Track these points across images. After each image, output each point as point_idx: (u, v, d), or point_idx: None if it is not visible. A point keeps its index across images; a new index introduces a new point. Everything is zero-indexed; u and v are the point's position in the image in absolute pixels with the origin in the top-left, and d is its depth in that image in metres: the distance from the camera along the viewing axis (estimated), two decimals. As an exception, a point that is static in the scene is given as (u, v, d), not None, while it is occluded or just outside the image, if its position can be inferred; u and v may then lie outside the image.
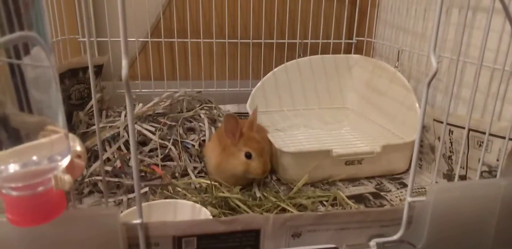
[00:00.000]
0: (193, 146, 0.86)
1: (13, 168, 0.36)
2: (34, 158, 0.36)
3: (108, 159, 0.78)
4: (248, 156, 0.73)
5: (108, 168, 0.75)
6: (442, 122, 0.83)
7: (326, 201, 0.75)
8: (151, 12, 1.17)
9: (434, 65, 0.47)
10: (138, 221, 0.45)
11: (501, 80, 0.62)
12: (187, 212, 0.61)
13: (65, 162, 0.38)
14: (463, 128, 0.77)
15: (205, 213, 0.59)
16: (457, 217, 0.57)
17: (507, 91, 0.75)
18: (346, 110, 1.19)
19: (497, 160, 0.72)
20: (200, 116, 0.95)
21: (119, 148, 0.79)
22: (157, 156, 0.80)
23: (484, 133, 0.73)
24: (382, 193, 0.82)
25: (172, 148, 0.82)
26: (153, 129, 0.85)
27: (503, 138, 0.71)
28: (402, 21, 1.09)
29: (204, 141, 0.88)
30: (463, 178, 0.80)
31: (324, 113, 1.15)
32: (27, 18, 0.36)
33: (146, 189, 0.71)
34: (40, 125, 0.38)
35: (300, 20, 1.23)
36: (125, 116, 0.88)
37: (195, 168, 0.82)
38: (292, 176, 0.82)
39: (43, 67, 0.38)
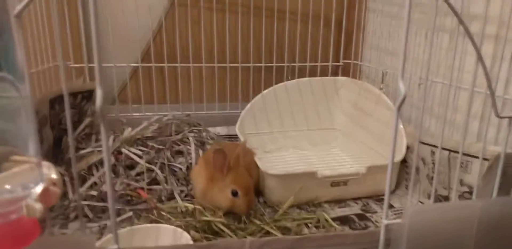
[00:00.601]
0: (181, 169, 0.87)
1: (-13, 196, 0.37)
2: (7, 186, 0.38)
3: (95, 183, 0.79)
4: (235, 193, 0.73)
5: (94, 193, 0.76)
6: (425, 143, 0.84)
7: (311, 223, 0.75)
8: (141, 38, 1.20)
9: (402, 91, 0.49)
10: (114, 247, 0.45)
11: (471, 100, 0.64)
12: (169, 237, 0.61)
13: (38, 189, 0.39)
14: (445, 149, 0.78)
15: (186, 238, 0.60)
16: (434, 239, 0.58)
17: (484, 113, 0.77)
18: (334, 132, 1.20)
19: (477, 181, 0.73)
20: (188, 139, 0.97)
21: (106, 172, 0.80)
22: (144, 180, 0.81)
23: (465, 154, 0.74)
24: (367, 214, 0.82)
25: (158, 171, 0.83)
26: (140, 153, 0.87)
27: (484, 159, 0.72)
28: (386, 44, 1.13)
29: (191, 163, 0.90)
30: (446, 198, 0.80)
31: (313, 134, 1.17)
32: None
33: (130, 213, 0.72)
34: (4, 155, 0.39)
35: (288, 44, 1.27)
36: (114, 140, 0.90)
37: (181, 191, 0.83)
38: (278, 198, 0.83)
39: (7, 97, 0.39)
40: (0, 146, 0.38)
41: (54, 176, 0.43)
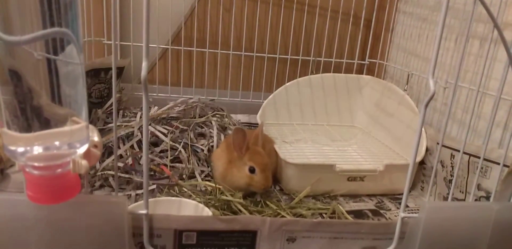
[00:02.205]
0: (202, 150, 0.89)
1: (37, 150, 0.40)
2: (56, 143, 0.40)
3: (121, 156, 0.81)
4: (252, 170, 0.75)
5: (120, 164, 0.78)
6: (445, 146, 0.85)
7: (325, 213, 0.77)
8: (173, 21, 1.22)
9: (432, 89, 0.50)
10: (143, 211, 0.48)
11: (496, 107, 0.64)
12: (190, 210, 0.63)
13: (82, 149, 0.42)
14: (466, 153, 0.79)
15: (207, 213, 0.62)
16: (448, 236, 0.59)
17: (508, 120, 0.78)
18: (354, 129, 1.21)
19: (495, 186, 0.74)
20: (211, 123, 0.98)
21: (132, 146, 0.83)
22: (167, 157, 0.83)
23: (485, 160, 0.75)
24: (381, 211, 0.83)
25: (182, 150, 0.85)
26: (165, 131, 0.89)
27: (504, 165, 0.72)
28: (414, 46, 1.13)
29: (213, 146, 0.92)
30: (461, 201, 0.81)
31: (333, 130, 1.18)
32: (65, 19, 0.40)
33: (154, 186, 0.75)
34: (67, 116, 0.42)
35: (315, 39, 1.28)
36: (141, 117, 0.92)
37: (202, 171, 0.85)
38: (295, 187, 0.84)
39: (74, 64, 0.42)
40: (64, 108, 0.40)
41: (96, 138, 0.46)
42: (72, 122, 0.41)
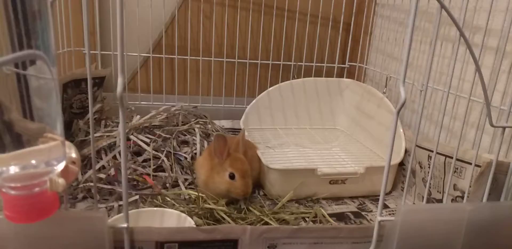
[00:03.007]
0: (186, 158, 0.90)
1: (13, 169, 0.40)
2: (33, 161, 0.41)
3: (103, 167, 0.82)
4: (232, 176, 0.77)
5: (102, 176, 0.79)
6: (422, 148, 0.87)
7: (308, 217, 0.78)
8: (154, 29, 1.23)
9: (403, 96, 0.52)
10: (124, 225, 0.48)
11: (467, 108, 0.67)
12: (173, 220, 0.64)
13: (60, 166, 0.42)
14: (441, 154, 0.81)
15: (189, 222, 0.63)
16: (424, 238, 0.61)
17: (481, 121, 0.80)
18: (336, 131, 1.23)
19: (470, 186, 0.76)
20: (194, 130, 0.99)
21: (114, 157, 0.83)
22: (150, 166, 0.84)
23: (460, 160, 0.77)
24: (363, 213, 0.85)
25: (165, 159, 0.86)
26: (148, 140, 0.89)
27: (476, 165, 0.75)
28: (392, 50, 1.15)
29: (196, 154, 0.92)
30: (440, 202, 0.83)
31: (315, 133, 1.20)
32: (34, 30, 0.40)
33: (137, 197, 0.75)
34: (40, 131, 0.41)
35: (296, 44, 1.30)
36: (122, 127, 0.93)
37: (185, 179, 0.86)
38: (278, 192, 0.86)
39: (45, 78, 0.42)
40: (36, 123, 0.40)
41: (74, 155, 0.46)
42: (48, 139, 0.41)
